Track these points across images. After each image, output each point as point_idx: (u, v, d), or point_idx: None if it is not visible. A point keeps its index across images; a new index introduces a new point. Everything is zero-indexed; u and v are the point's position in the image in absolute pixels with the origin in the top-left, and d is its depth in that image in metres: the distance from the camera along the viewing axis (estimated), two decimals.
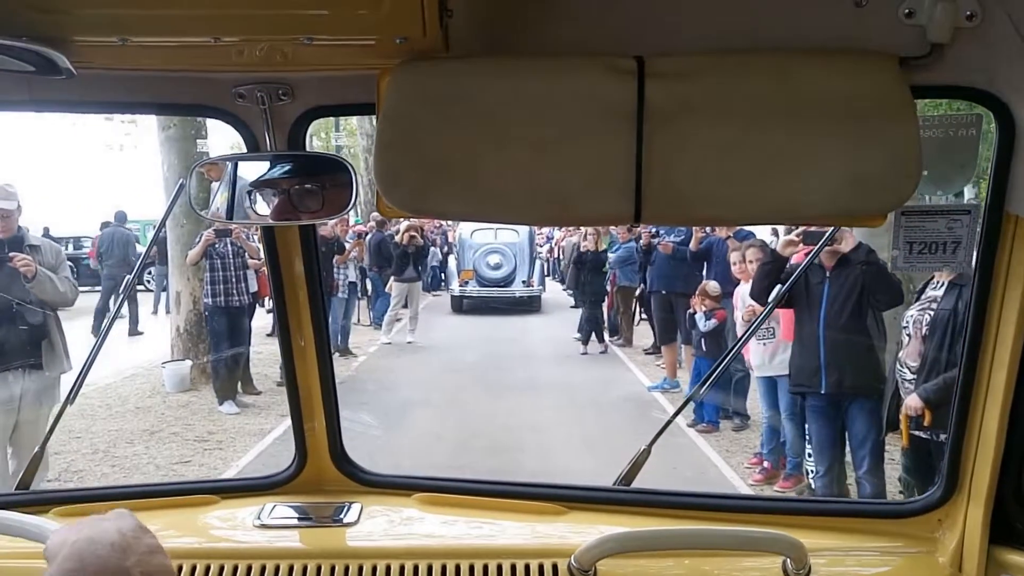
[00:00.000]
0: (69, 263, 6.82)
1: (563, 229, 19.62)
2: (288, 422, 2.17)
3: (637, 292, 13.20)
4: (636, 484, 2.08)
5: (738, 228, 9.00)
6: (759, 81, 1.28)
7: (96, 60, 1.37)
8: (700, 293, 8.80)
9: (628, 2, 1.42)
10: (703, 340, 8.70)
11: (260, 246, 10.26)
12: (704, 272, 10.18)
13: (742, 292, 7.15)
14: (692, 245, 10.24)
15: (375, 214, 14.10)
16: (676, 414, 2.33)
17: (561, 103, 1.28)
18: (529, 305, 19.25)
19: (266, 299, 10.82)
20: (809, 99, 1.26)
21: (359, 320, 15.50)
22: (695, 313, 8.83)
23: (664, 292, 11.03)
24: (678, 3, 1.43)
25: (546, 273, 22.37)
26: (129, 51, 1.31)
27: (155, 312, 17.08)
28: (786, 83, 1.27)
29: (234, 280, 9.71)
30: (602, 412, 9.82)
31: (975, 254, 1.73)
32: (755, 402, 8.17)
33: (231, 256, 9.70)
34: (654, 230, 11.26)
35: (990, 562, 1.78)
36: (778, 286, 5.77)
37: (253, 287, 10.17)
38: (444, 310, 19.52)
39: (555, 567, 1.79)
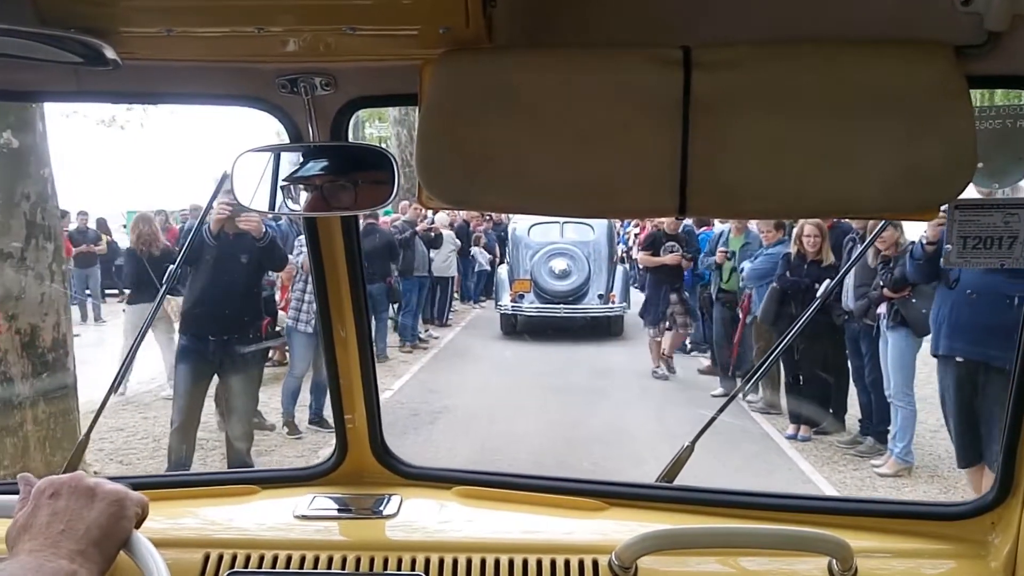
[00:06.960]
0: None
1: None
2: None
3: None
4: (678, 481, 2.06)
5: None
6: (809, 71, 1.24)
7: (142, 51, 1.38)
8: None
9: None
10: None
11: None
12: None
13: None
14: None
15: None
16: (724, 407, 2.28)
17: (606, 94, 1.25)
18: (607, 329, 14.21)
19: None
20: (861, 90, 1.23)
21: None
22: None
23: (963, 360, 5.67)
24: None
25: (632, 281, 16.08)
26: (174, 42, 1.33)
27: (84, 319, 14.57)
28: (837, 73, 1.23)
29: None
30: None
31: None
32: None
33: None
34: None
35: None
36: None
37: None
38: (490, 330, 14.92)
39: (595, 563, 1.77)
